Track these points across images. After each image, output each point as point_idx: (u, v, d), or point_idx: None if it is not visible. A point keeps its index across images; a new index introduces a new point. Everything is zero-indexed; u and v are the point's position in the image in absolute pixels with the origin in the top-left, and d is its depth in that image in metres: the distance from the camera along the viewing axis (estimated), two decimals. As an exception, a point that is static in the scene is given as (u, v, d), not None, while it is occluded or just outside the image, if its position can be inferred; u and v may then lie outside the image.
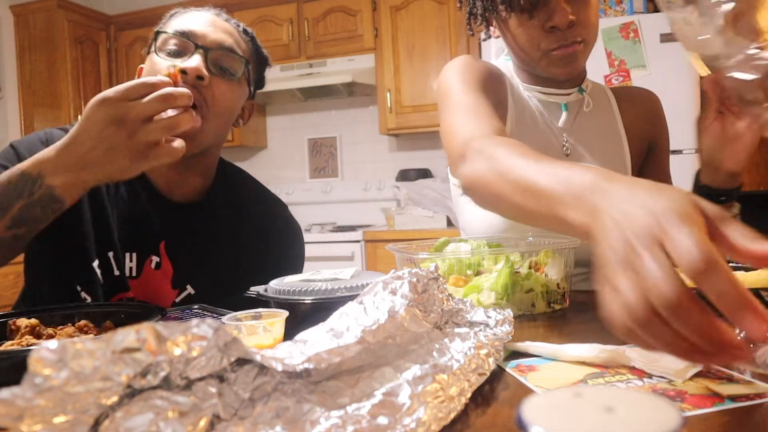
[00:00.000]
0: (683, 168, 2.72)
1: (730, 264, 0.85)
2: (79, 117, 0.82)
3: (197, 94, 0.99)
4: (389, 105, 3.64)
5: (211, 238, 1.13)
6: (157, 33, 1.04)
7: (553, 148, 1.14)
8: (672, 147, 2.77)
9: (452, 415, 0.47)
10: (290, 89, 3.81)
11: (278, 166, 4.31)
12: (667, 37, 2.74)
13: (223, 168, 1.22)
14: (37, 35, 3.94)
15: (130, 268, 1.08)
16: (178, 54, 1.02)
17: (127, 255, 1.08)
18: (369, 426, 0.43)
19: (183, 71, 0.97)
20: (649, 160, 1.22)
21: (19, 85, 3.99)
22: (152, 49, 1.04)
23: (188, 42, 1.01)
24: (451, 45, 3.52)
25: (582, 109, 1.17)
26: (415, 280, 0.59)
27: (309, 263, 1.23)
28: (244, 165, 4.22)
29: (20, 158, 0.98)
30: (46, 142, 1.03)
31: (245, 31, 1.13)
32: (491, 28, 1.12)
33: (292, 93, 3.93)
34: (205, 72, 0.99)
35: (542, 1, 1.01)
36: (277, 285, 0.79)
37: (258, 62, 1.16)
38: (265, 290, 0.81)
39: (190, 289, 1.11)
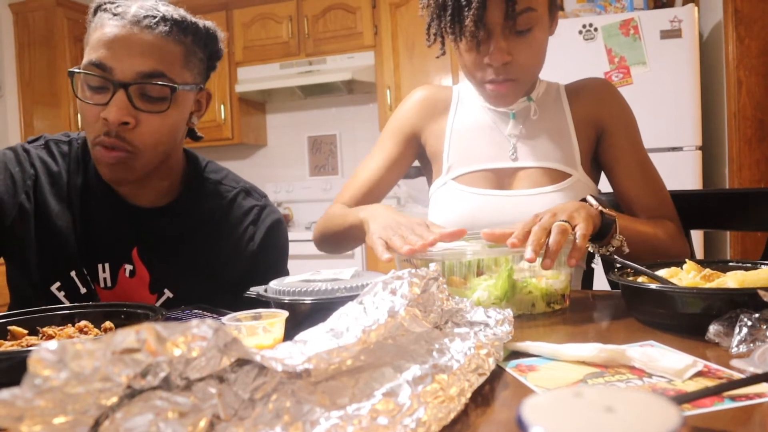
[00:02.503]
0: (684, 164, 2.73)
1: (731, 263, 0.85)
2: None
3: (121, 142, 0.96)
4: (389, 102, 3.64)
5: (184, 238, 1.10)
6: (71, 73, 0.97)
7: (501, 154, 1.25)
8: (672, 144, 2.80)
9: (452, 415, 0.48)
10: (290, 87, 3.81)
11: (278, 164, 4.31)
12: (667, 34, 2.74)
13: (193, 164, 1.16)
14: (36, 33, 3.93)
15: (105, 279, 1.06)
16: (99, 89, 0.96)
17: (99, 266, 1.06)
18: (369, 426, 0.43)
19: (106, 120, 0.94)
20: (603, 142, 1.25)
21: (18, 83, 3.98)
22: (73, 80, 0.98)
23: (107, 80, 0.95)
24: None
25: (530, 116, 1.26)
26: (415, 280, 0.59)
27: (309, 261, 1.23)
28: (244, 163, 4.24)
29: None
30: None
31: (175, 24, 0.99)
32: (444, 48, 1.22)
33: (292, 91, 3.92)
34: (128, 118, 0.95)
35: (485, 37, 1.11)
36: (277, 285, 0.79)
37: (204, 42, 1.06)
38: (265, 291, 0.81)
39: (168, 293, 1.08)
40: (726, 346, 0.63)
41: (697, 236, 2.65)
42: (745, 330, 0.61)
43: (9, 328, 0.70)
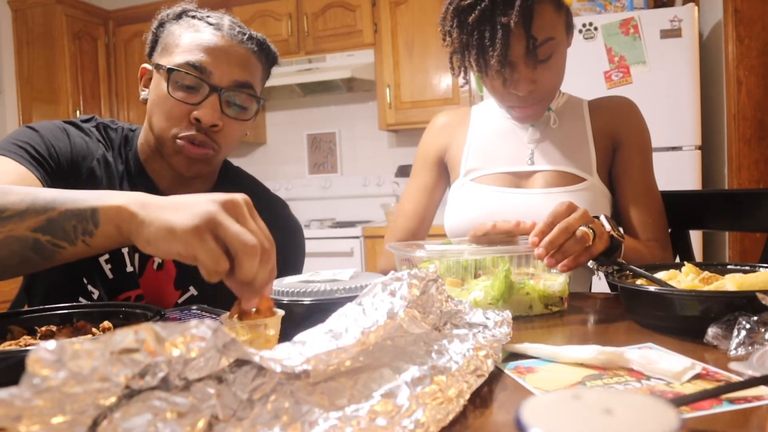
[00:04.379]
0: (683, 164, 2.74)
1: (729, 265, 0.85)
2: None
3: (210, 140, 1.03)
4: (388, 100, 3.63)
5: None
6: (170, 70, 1.02)
7: (518, 159, 1.30)
8: (671, 143, 2.80)
9: (451, 417, 0.47)
10: (289, 85, 3.80)
11: (277, 161, 4.30)
12: (667, 33, 2.74)
13: (225, 169, 1.22)
14: (35, 30, 3.93)
15: (131, 270, 1.08)
16: (190, 88, 1.02)
17: (128, 257, 1.07)
18: (367, 427, 0.43)
19: (197, 119, 1.00)
20: (615, 157, 1.30)
21: (17, 80, 3.98)
22: (170, 77, 1.02)
23: (203, 82, 1.01)
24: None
25: (550, 125, 1.30)
26: (414, 281, 0.59)
27: (308, 259, 1.24)
28: (243, 160, 4.24)
29: (45, 143, 1.00)
30: (64, 131, 1.05)
31: (259, 44, 1.09)
32: (467, 77, 1.25)
33: (292, 88, 3.92)
34: (218, 121, 1.02)
35: (510, 69, 1.14)
36: (276, 286, 0.79)
37: (269, 64, 1.16)
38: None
39: (192, 290, 1.11)
40: (724, 348, 0.63)
41: (696, 237, 2.65)
42: (743, 333, 0.61)
43: (10, 327, 0.70)
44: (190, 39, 1.04)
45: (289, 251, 1.23)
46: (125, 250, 1.06)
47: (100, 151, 1.08)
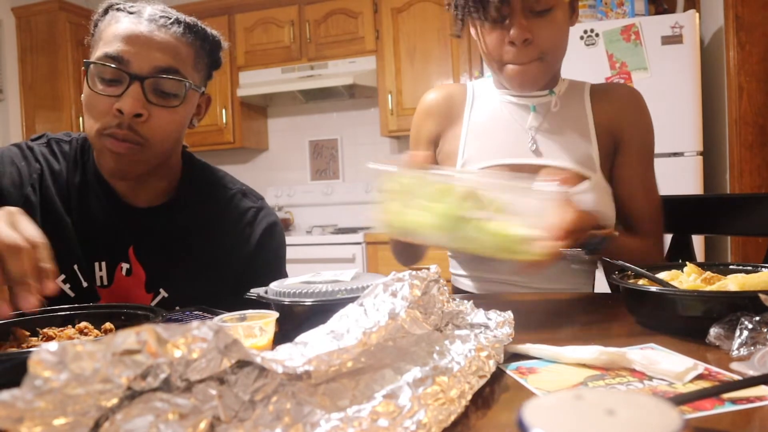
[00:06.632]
0: (685, 170, 2.74)
1: (732, 266, 0.85)
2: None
3: (133, 134, 0.98)
4: (390, 107, 3.64)
5: (179, 239, 1.11)
6: (87, 64, 0.98)
7: (520, 145, 1.23)
8: (673, 149, 2.80)
9: (452, 418, 0.47)
10: (291, 91, 3.81)
11: (279, 168, 4.31)
12: (668, 40, 2.75)
13: (190, 166, 1.18)
14: (38, 37, 3.95)
15: (101, 277, 1.07)
16: (112, 82, 0.98)
17: (96, 264, 1.06)
18: (369, 428, 0.43)
19: (119, 111, 0.96)
20: (617, 154, 1.24)
21: (20, 87, 4.00)
22: (88, 72, 0.99)
23: (122, 72, 0.97)
24: (452, 47, 3.52)
25: (551, 110, 1.24)
26: (415, 282, 0.59)
27: (310, 265, 1.23)
28: (245, 167, 4.25)
29: None
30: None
31: (187, 27, 1.04)
32: (462, 30, 1.22)
33: (294, 95, 3.93)
34: (142, 110, 0.97)
35: (508, 16, 1.12)
36: (278, 287, 0.79)
37: (209, 49, 1.09)
38: (266, 292, 0.81)
39: (163, 293, 1.09)
40: (726, 349, 0.63)
41: (698, 242, 2.65)
42: (745, 333, 0.61)
43: (13, 329, 0.70)
44: (110, 31, 1.00)
45: (264, 247, 1.17)
46: (76, 267, 1.05)
47: (35, 175, 1.06)
